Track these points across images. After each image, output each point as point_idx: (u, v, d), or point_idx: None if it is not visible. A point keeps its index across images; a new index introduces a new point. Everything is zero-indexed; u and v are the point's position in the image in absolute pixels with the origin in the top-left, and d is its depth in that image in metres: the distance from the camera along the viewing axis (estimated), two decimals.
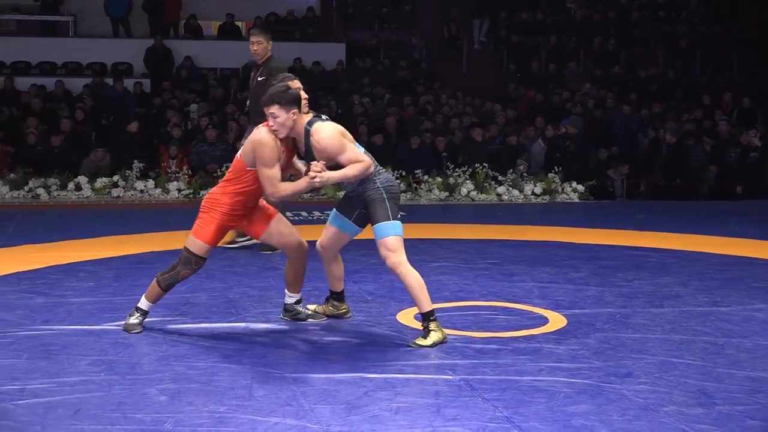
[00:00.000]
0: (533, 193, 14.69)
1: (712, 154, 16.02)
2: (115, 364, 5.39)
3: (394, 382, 5.11)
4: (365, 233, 6.27)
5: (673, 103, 19.12)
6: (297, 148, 6.06)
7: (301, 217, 11.88)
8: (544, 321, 6.50)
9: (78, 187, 13.85)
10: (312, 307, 6.60)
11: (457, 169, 14.70)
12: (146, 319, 6.22)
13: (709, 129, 17.24)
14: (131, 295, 7.15)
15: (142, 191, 13.99)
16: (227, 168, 14.28)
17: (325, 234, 6.26)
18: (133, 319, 6.14)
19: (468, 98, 18.82)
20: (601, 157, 16.07)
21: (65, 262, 8.51)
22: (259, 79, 8.97)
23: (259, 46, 9.19)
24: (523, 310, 6.86)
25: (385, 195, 5.94)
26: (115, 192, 13.90)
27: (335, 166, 5.86)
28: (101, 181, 13.93)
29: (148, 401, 4.76)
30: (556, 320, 6.54)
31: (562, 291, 7.53)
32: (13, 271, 8.07)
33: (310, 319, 6.48)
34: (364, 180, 5.95)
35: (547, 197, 14.68)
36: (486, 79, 20.56)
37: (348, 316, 6.59)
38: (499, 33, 21.78)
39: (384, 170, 6.12)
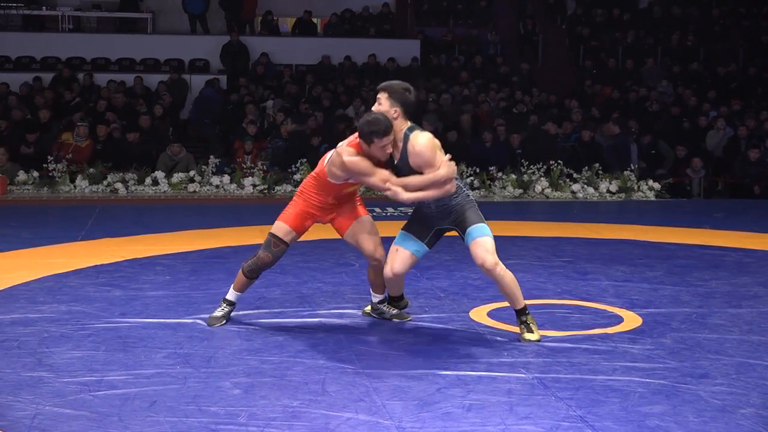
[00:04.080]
0: (608, 191, 14.56)
1: None
2: (191, 358, 5.46)
3: (467, 380, 5.10)
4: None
5: (752, 101, 18.81)
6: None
7: (374, 214, 11.92)
8: (618, 320, 6.44)
9: (155, 182, 14.05)
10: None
11: (531, 167, 14.62)
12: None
13: None
14: (207, 289, 7.24)
15: (217, 186, 14.15)
16: (301, 163, 14.42)
17: (397, 259, 6.07)
18: (218, 311, 6.20)
19: (543, 95, 18.69)
20: (679, 155, 15.85)
21: (142, 256, 8.63)
22: None
23: None
24: (597, 308, 6.80)
25: (474, 203, 5.95)
26: (191, 187, 14.06)
27: None
28: (178, 176, 14.11)
29: (223, 394, 4.81)
30: (631, 319, 6.47)
31: (638, 290, 7.45)
32: (92, 264, 8.21)
33: (395, 319, 6.41)
34: (457, 191, 5.86)
35: (622, 195, 14.54)
36: (561, 76, 20.40)
37: (410, 318, 6.52)
38: (576, 29, 21.59)
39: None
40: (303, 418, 4.48)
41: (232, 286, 6.27)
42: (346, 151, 5.83)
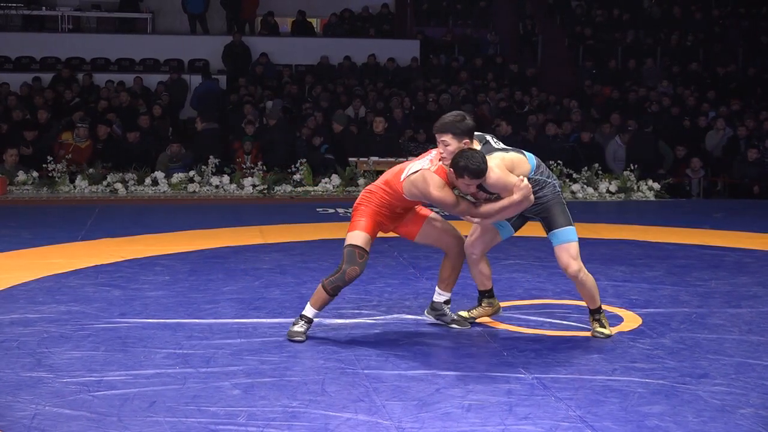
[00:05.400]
0: (608, 191, 14.56)
1: None
2: (190, 358, 5.45)
3: (467, 380, 5.10)
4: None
5: (752, 101, 18.81)
6: None
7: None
8: (618, 320, 6.44)
9: (155, 182, 14.04)
10: (464, 313, 6.39)
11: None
12: (220, 312, 6.27)
13: None
14: (206, 289, 7.25)
15: (217, 187, 14.14)
16: (301, 163, 14.38)
17: (478, 233, 6.11)
18: (298, 327, 5.88)
19: (543, 95, 18.69)
20: (679, 155, 15.86)
21: (142, 256, 8.63)
22: None
23: None
24: None
25: (562, 199, 5.97)
26: (190, 187, 14.05)
27: None
28: (177, 177, 14.10)
29: (222, 395, 4.81)
30: (631, 319, 6.48)
31: (637, 290, 7.45)
32: (91, 265, 8.20)
33: (453, 325, 6.28)
34: (544, 185, 5.88)
35: (622, 195, 14.54)
36: (561, 76, 20.40)
37: (500, 311, 6.49)
38: (575, 29, 21.59)
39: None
40: (302, 418, 4.48)
41: (309, 302, 5.92)
42: (434, 183, 5.67)
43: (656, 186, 14.72)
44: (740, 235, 10.48)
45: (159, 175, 14.07)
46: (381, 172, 14.04)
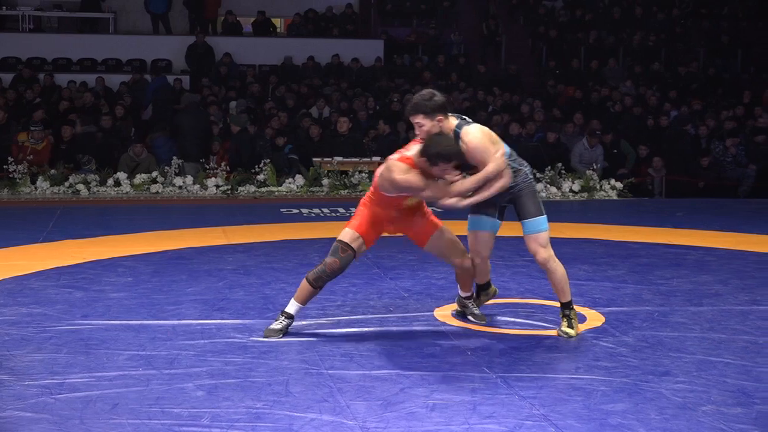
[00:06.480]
0: (571, 191, 14.62)
1: (751, 152, 15.85)
2: (153, 359, 5.43)
3: (431, 379, 5.11)
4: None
5: (713, 101, 18.96)
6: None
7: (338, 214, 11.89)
8: (581, 319, 6.46)
9: (117, 183, 13.95)
10: (477, 311, 6.50)
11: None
12: (184, 313, 6.23)
13: (753, 127, 17.07)
14: (169, 291, 7.21)
15: (180, 187, 14.07)
16: (265, 164, 14.32)
17: (478, 242, 6.17)
18: (276, 324, 5.93)
19: (506, 95, 18.74)
20: (641, 154, 15.95)
21: (104, 258, 8.57)
22: None
23: None
24: (560, 307, 6.82)
25: (534, 187, 6.05)
26: (153, 188, 13.98)
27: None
28: (140, 177, 14.02)
29: (186, 396, 4.79)
30: (594, 318, 6.51)
31: (600, 289, 7.49)
32: (53, 266, 8.14)
33: (471, 317, 6.41)
34: (516, 172, 5.93)
35: (585, 194, 14.61)
36: (524, 76, 20.47)
37: (497, 292, 6.70)
38: (538, 29, 21.68)
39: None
40: (266, 419, 4.47)
41: (293, 297, 5.97)
42: (397, 168, 5.67)
43: (619, 185, 14.81)
44: (702, 233, 10.55)
45: (121, 176, 13.98)
46: (345, 173, 14.26)
